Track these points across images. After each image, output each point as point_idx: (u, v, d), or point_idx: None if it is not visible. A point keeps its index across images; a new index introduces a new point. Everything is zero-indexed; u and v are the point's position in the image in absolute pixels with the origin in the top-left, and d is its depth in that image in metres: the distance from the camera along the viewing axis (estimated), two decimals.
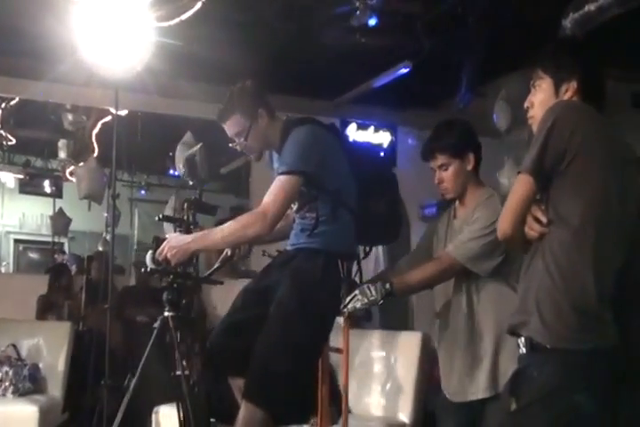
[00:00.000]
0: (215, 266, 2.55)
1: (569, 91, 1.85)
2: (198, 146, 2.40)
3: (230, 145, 2.49)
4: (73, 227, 6.63)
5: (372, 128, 6.31)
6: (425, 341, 3.44)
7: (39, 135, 6.73)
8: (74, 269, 6.08)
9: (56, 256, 6.74)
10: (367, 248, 2.51)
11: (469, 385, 2.37)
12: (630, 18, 4.17)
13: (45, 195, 6.90)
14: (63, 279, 5.66)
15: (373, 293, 2.26)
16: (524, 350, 1.76)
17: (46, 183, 6.95)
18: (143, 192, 7.25)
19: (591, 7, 4.01)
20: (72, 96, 5.96)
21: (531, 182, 1.75)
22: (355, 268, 2.43)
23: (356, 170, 2.40)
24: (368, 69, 5.62)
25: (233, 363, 2.35)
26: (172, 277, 2.42)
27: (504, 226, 1.80)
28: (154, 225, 7.24)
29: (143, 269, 2.42)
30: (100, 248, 6.20)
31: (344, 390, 2.40)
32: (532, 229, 1.77)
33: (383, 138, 6.33)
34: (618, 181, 1.77)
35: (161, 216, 2.50)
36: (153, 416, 3.79)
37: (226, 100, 2.45)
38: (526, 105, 1.93)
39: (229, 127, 2.45)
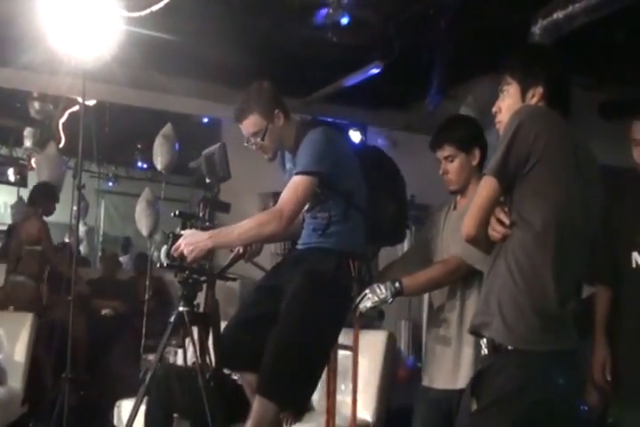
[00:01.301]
0: (227, 263, 2.61)
1: (535, 96, 1.88)
2: (218, 145, 2.43)
3: (245, 144, 2.53)
4: None
5: None
6: (390, 340, 3.46)
7: (5, 123, 6.61)
8: None
9: None
10: (375, 249, 2.59)
11: (455, 373, 2.43)
12: (600, 28, 4.25)
13: (9, 183, 6.79)
14: None
15: (383, 291, 2.32)
16: (485, 350, 1.80)
17: (10, 172, 6.81)
18: (110, 184, 7.19)
19: (559, 15, 4.08)
20: (39, 84, 5.87)
21: (495, 184, 1.79)
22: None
23: (366, 171, 2.47)
24: (339, 68, 5.64)
25: (244, 359, 2.41)
26: (187, 272, 2.43)
27: (468, 227, 1.83)
28: (121, 217, 7.20)
29: (159, 265, 2.44)
30: (66, 239, 6.13)
31: (352, 389, 2.50)
32: (495, 231, 1.81)
33: (353, 137, 6.36)
34: (580, 186, 1.81)
35: (177, 212, 2.50)
36: (115, 410, 3.77)
37: (242, 100, 2.49)
38: (494, 110, 1.97)
39: (246, 127, 2.48)
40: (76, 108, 5.73)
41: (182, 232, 2.38)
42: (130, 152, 7.07)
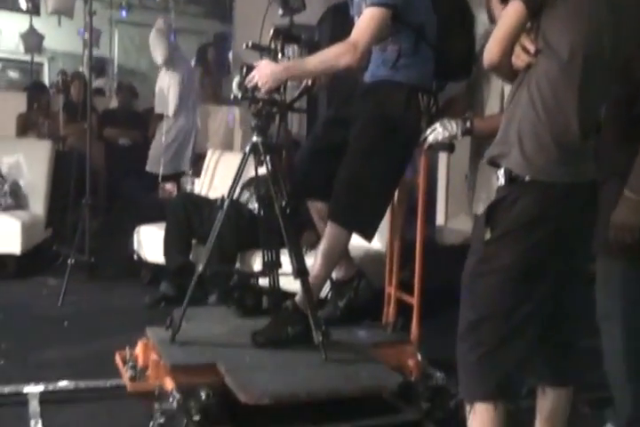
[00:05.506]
0: (297, 94, 2.62)
1: None
2: None
3: None
4: (53, 47, 6.40)
5: None
6: None
7: None
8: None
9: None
10: (442, 83, 2.56)
11: None
12: None
13: (21, 11, 6.57)
14: (42, 98, 5.58)
15: (454, 127, 2.31)
16: (502, 181, 1.78)
17: None
18: (124, 13, 6.92)
19: None
20: None
21: (522, 10, 1.68)
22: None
23: (436, 5, 2.43)
24: None
25: (314, 188, 2.52)
26: (260, 104, 2.41)
27: (491, 53, 1.75)
28: (136, 49, 7.02)
29: (232, 97, 2.43)
30: (80, 69, 6.04)
31: (420, 210, 2.53)
32: (520, 59, 1.74)
33: None
34: (612, 13, 1.70)
35: (250, 44, 2.45)
36: (134, 235, 3.92)
37: None
38: None
39: None
40: None
41: (255, 64, 2.36)
42: None
